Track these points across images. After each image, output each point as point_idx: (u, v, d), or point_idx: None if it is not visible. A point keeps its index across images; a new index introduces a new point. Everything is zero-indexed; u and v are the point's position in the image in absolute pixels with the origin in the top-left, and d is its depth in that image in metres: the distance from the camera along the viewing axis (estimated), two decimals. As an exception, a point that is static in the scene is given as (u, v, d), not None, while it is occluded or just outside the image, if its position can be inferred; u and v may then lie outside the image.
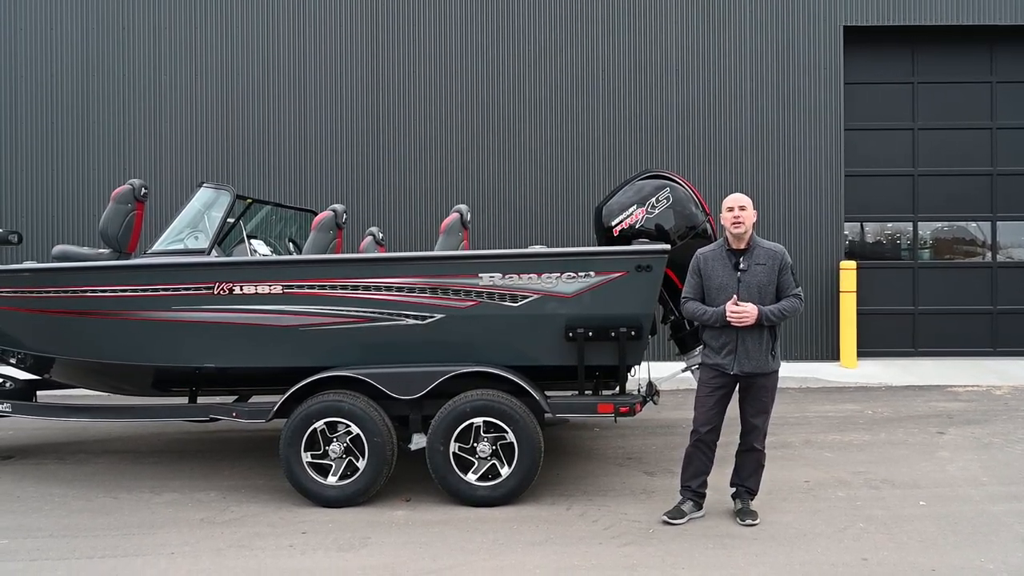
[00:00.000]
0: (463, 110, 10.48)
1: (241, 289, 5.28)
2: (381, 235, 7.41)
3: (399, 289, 5.16)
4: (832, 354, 10.31)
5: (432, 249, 6.59)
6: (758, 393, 4.69)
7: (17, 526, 4.92)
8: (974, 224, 10.88)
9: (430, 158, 10.48)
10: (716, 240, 4.99)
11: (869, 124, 10.75)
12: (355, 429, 5.07)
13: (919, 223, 10.84)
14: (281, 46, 10.55)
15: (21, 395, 6.37)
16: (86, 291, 5.50)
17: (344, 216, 6.45)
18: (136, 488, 5.66)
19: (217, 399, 6.12)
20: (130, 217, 6.13)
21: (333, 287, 5.21)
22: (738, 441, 4.86)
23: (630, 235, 5.46)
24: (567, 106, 10.44)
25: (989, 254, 10.85)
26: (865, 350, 10.39)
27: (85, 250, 6.41)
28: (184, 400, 6.07)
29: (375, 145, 10.51)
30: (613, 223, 5.53)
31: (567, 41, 10.45)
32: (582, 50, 10.45)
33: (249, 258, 5.98)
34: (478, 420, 5.03)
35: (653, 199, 5.50)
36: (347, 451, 5.12)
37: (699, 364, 5.19)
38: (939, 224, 10.92)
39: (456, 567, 4.18)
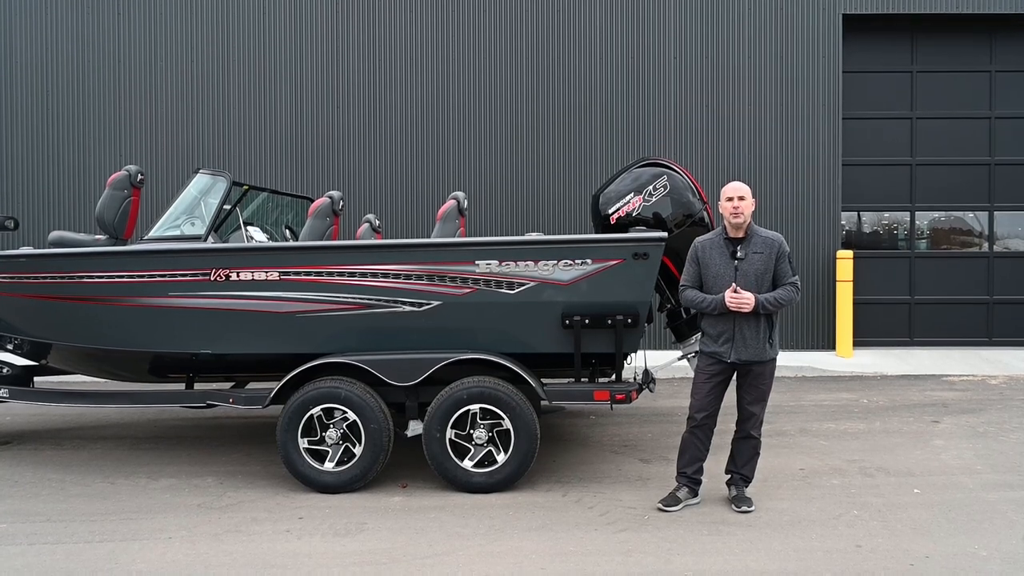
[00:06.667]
0: (460, 97, 10.44)
1: (238, 275, 5.28)
2: (378, 222, 7.40)
3: (396, 276, 5.16)
4: (828, 343, 10.33)
5: (429, 236, 6.59)
6: (755, 381, 4.70)
7: (15, 511, 4.93)
8: (971, 214, 10.89)
9: (427, 145, 10.46)
10: (714, 228, 4.99)
11: (867, 113, 10.72)
12: (352, 415, 5.09)
13: (916, 213, 10.84)
14: (278, 32, 10.49)
15: (18, 381, 6.37)
16: (82, 277, 5.50)
17: (341, 203, 6.44)
18: (133, 473, 5.67)
19: (214, 385, 6.12)
20: (126, 203, 6.12)
21: (330, 274, 5.21)
22: (734, 429, 4.88)
23: (627, 223, 5.46)
24: (564, 93, 10.40)
25: (986, 244, 10.85)
26: (861, 339, 10.42)
27: (81, 236, 6.40)
28: (181, 386, 6.08)
29: (372, 132, 10.48)
30: (610, 211, 5.53)
31: (565, 27, 10.40)
32: (580, 36, 10.40)
33: (246, 244, 5.97)
34: (475, 407, 5.04)
35: (650, 187, 5.49)
36: (344, 437, 5.14)
37: (695, 352, 5.21)
38: (936, 214, 10.92)
39: (452, 553, 4.20)
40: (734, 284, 4.55)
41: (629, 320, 5.11)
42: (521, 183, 10.43)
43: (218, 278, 5.29)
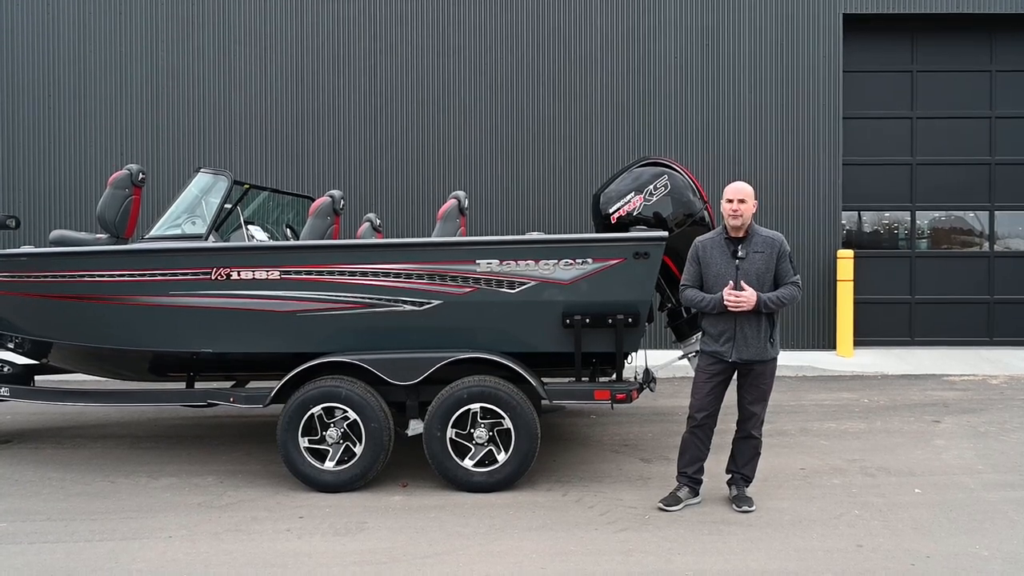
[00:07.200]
0: (462, 96, 10.43)
1: (239, 275, 5.27)
2: (379, 221, 7.40)
3: (396, 275, 5.16)
4: (829, 343, 10.33)
5: (429, 235, 6.58)
6: (756, 380, 4.70)
7: (15, 509, 4.93)
8: (972, 214, 10.89)
9: (428, 144, 10.45)
10: (714, 227, 4.98)
11: (868, 113, 10.72)
12: (352, 415, 5.08)
13: (917, 212, 10.84)
14: (278, 29, 10.49)
15: (19, 379, 6.37)
16: (83, 276, 5.50)
17: (342, 202, 6.44)
18: (133, 472, 5.67)
19: (215, 384, 6.12)
20: (127, 202, 6.11)
21: (331, 273, 5.20)
22: (735, 428, 4.88)
23: (628, 222, 5.46)
24: (564, 93, 10.40)
25: (987, 244, 10.85)
26: (862, 339, 10.41)
27: (82, 235, 6.40)
28: (182, 385, 6.07)
29: (373, 131, 10.48)
30: (611, 210, 5.53)
31: (566, 26, 10.40)
32: (581, 36, 10.40)
33: (246, 244, 5.97)
34: (475, 406, 5.04)
35: (651, 186, 5.49)
36: (344, 436, 5.13)
37: (696, 351, 5.21)
38: (937, 213, 10.92)
39: (452, 552, 4.20)
40: (731, 282, 4.54)
41: (630, 319, 5.11)
42: (522, 182, 10.43)
43: (219, 277, 5.29)
